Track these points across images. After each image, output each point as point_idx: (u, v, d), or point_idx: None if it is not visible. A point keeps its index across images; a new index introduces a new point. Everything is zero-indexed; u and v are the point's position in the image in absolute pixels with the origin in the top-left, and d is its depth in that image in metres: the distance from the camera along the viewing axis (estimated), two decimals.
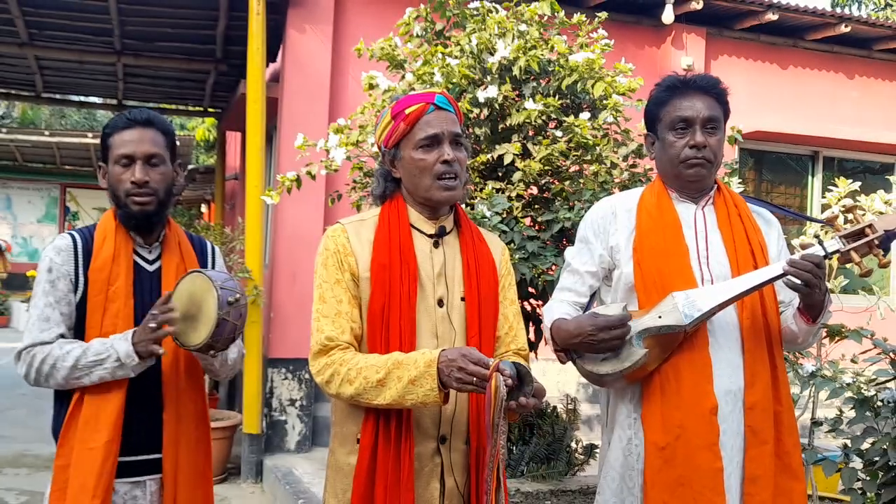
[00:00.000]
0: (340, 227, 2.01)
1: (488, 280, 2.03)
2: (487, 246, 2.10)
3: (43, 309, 2.11)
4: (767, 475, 2.05)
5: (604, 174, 3.92)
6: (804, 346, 2.31)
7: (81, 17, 6.92)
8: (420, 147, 1.97)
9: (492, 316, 2.03)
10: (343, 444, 1.97)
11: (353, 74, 6.27)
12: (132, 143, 2.15)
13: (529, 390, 1.78)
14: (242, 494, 5.62)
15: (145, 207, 2.16)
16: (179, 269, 2.24)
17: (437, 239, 2.02)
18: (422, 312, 1.95)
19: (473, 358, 1.75)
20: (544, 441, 4.87)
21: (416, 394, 1.79)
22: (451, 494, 1.95)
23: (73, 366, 2.05)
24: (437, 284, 1.98)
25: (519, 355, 2.10)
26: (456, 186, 1.98)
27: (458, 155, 1.99)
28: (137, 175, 2.13)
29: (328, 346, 1.91)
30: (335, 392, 1.89)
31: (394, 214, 2.01)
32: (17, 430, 7.30)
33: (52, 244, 2.17)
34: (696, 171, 2.17)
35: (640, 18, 7.28)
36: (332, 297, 1.94)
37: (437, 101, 1.98)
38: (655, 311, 2.07)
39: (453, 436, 1.95)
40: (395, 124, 2.00)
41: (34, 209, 19.09)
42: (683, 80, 2.19)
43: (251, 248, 5.74)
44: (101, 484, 2.02)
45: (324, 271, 1.97)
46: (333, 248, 1.97)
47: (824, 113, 7.89)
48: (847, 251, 2.07)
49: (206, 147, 16.01)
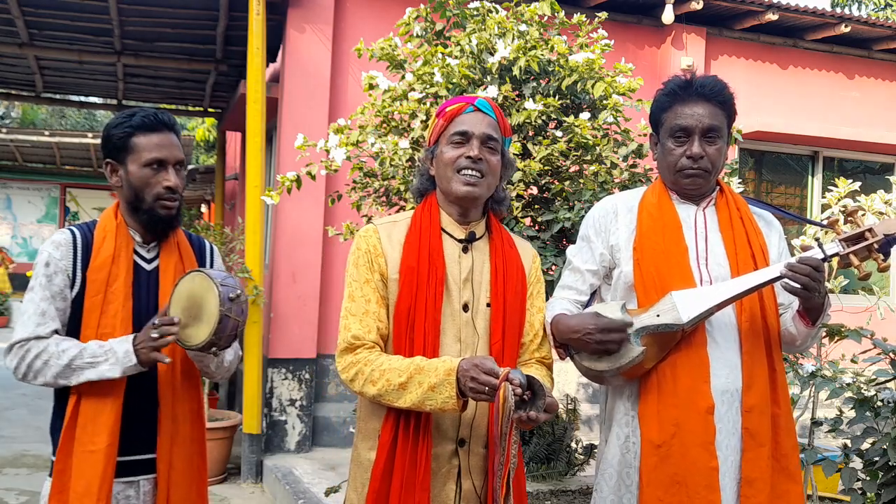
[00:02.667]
0: (373, 227, 2.05)
1: (515, 287, 2.05)
2: (518, 252, 2.12)
3: (39, 303, 2.09)
4: (764, 477, 2.06)
5: (604, 174, 3.92)
6: (803, 349, 2.31)
7: (81, 18, 6.92)
8: (451, 143, 2.02)
9: (517, 323, 2.05)
10: (365, 440, 2.00)
11: (353, 74, 6.27)
12: (164, 147, 2.14)
13: (542, 404, 1.80)
14: (242, 494, 5.62)
15: (171, 212, 2.17)
16: (178, 267, 2.23)
17: (467, 244, 2.04)
18: (447, 316, 1.97)
19: (485, 368, 1.78)
20: (544, 441, 4.88)
21: (436, 400, 1.83)
22: (468, 496, 1.97)
23: (67, 365, 2.04)
24: (464, 289, 2.01)
25: (542, 364, 2.11)
26: (476, 183, 2.00)
27: (489, 157, 2.02)
28: (174, 180, 2.14)
29: (354, 345, 1.95)
30: (359, 390, 1.93)
31: (426, 217, 2.04)
32: (17, 430, 7.30)
33: (50, 239, 2.15)
34: (692, 181, 2.17)
35: (640, 18, 7.28)
36: (360, 297, 1.98)
37: (477, 104, 2.04)
38: (654, 310, 2.07)
39: (472, 439, 1.98)
40: (437, 122, 2.07)
41: (34, 209, 19.10)
42: (686, 86, 2.17)
43: (251, 248, 5.74)
44: (104, 487, 2.02)
45: (354, 270, 2.01)
46: (365, 248, 2.01)
47: (824, 113, 7.89)
48: (846, 255, 2.07)
49: (207, 147, 16.02)
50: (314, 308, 6.16)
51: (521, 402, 1.77)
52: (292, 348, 6.14)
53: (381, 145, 3.96)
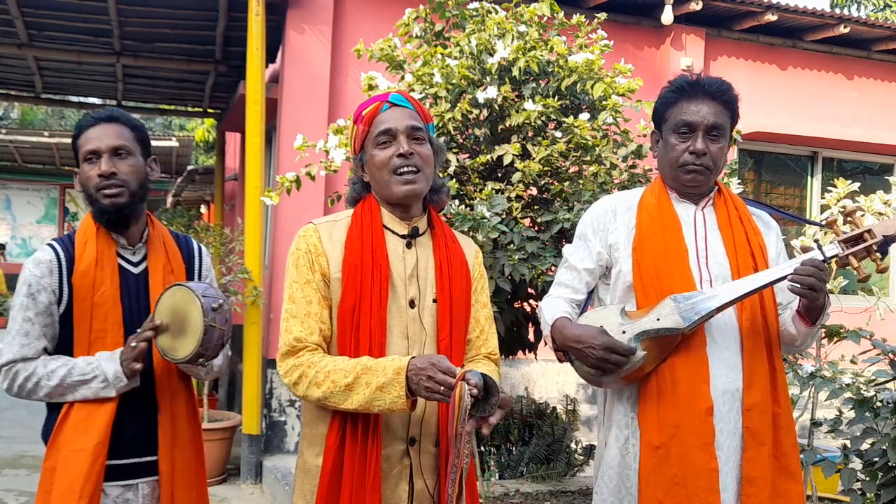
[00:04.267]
0: (312, 227, 1.99)
1: (461, 282, 2.02)
2: (461, 248, 2.08)
3: (22, 324, 2.08)
4: (765, 476, 2.06)
5: (603, 175, 3.92)
6: (803, 348, 2.32)
7: (81, 18, 6.92)
8: (378, 145, 1.97)
9: (463, 318, 2.02)
10: (312, 446, 1.95)
11: (353, 75, 6.27)
12: (96, 138, 2.11)
13: (495, 401, 1.77)
14: (242, 495, 5.61)
15: (116, 200, 2.10)
16: (166, 269, 2.21)
17: (410, 240, 2.00)
18: (393, 313, 1.93)
19: (442, 367, 1.75)
20: (544, 442, 4.88)
21: (384, 400, 1.78)
22: (421, 497, 1.93)
23: (58, 385, 2.04)
24: (409, 285, 1.97)
25: (489, 359, 2.09)
26: (416, 180, 1.95)
27: (419, 149, 1.96)
28: (103, 167, 2.08)
29: (297, 347, 1.89)
30: (303, 394, 1.88)
31: (367, 215, 1.99)
32: (16, 431, 7.30)
33: (32, 257, 2.13)
34: (693, 178, 2.17)
35: (640, 19, 7.28)
36: (301, 298, 1.92)
37: (391, 99, 1.99)
38: (654, 314, 2.07)
39: (423, 438, 1.94)
40: (357, 128, 2.01)
41: (34, 210, 19.10)
42: (693, 83, 2.17)
43: (251, 248, 5.74)
44: (88, 485, 2.00)
45: (294, 271, 1.95)
46: (305, 248, 1.95)
47: (823, 113, 7.90)
48: (846, 256, 2.07)
49: (206, 148, 16.02)
50: None
51: (475, 400, 1.74)
52: None
53: None
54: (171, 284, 2.11)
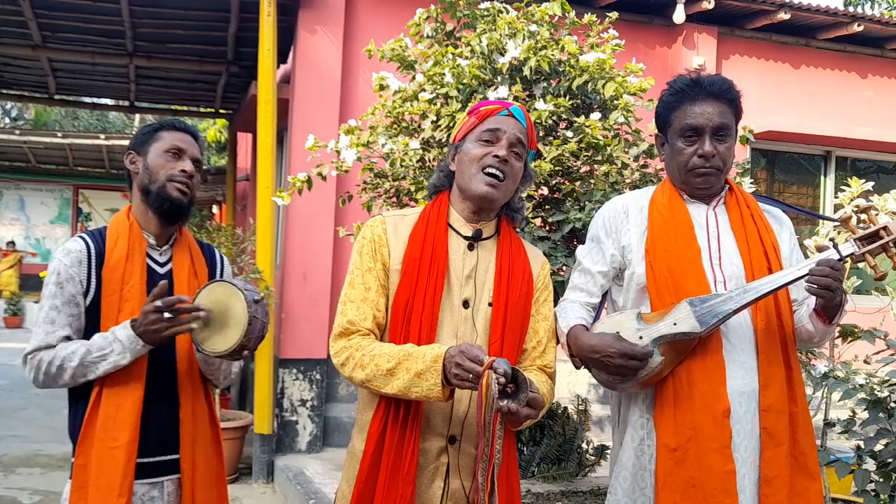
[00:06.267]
0: (381, 218, 2.06)
1: (520, 289, 2.03)
2: (527, 256, 2.10)
3: (48, 312, 2.12)
4: (783, 476, 2.04)
5: (614, 174, 3.91)
6: (819, 345, 2.31)
7: (94, 20, 6.96)
8: (479, 140, 2.02)
9: (518, 325, 2.02)
10: (360, 431, 2.01)
11: (364, 75, 6.28)
12: (184, 142, 2.26)
13: (524, 397, 1.77)
14: (254, 494, 5.64)
15: (182, 197, 2.22)
16: (190, 270, 2.26)
17: (473, 241, 2.04)
18: (445, 311, 1.96)
19: (471, 355, 1.77)
20: (555, 442, 4.87)
21: (421, 387, 1.82)
22: (456, 496, 1.95)
23: (79, 364, 2.07)
24: (465, 286, 2.00)
25: (543, 371, 2.08)
26: (497, 185, 1.99)
27: (513, 161, 2.02)
28: (189, 167, 2.23)
29: (349, 330, 1.96)
30: (348, 375, 1.94)
31: (434, 212, 2.05)
32: (30, 430, 7.35)
33: (62, 247, 2.18)
34: (705, 180, 2.16)
35: (651, 18, 7.26)
36: (360, 284, 1.99)
37: (512, 110, 2.05)
38: (670, 318, 2.05)
39: (464, 438, 1.95)
40: (468, 119, 2.07)
41: (47, 210, 19.24)
42: (694, 84, 2.15)
43: (262, 249, 5.76)
44: (125, 483, 2.04)
45: (358, 258, 2.03)
46: (370, 237, 2.03)
47: (837, 112, 7.85)
48: (861, 254, 2.06)
49: (218, 148, 16.07)
50: (325, 308, 6.17)
51: (504, 393, 1.74)
52: (303, 349, 6.16)
53: (392, 146, 3.96)
54: (208, 282, 2.16)
